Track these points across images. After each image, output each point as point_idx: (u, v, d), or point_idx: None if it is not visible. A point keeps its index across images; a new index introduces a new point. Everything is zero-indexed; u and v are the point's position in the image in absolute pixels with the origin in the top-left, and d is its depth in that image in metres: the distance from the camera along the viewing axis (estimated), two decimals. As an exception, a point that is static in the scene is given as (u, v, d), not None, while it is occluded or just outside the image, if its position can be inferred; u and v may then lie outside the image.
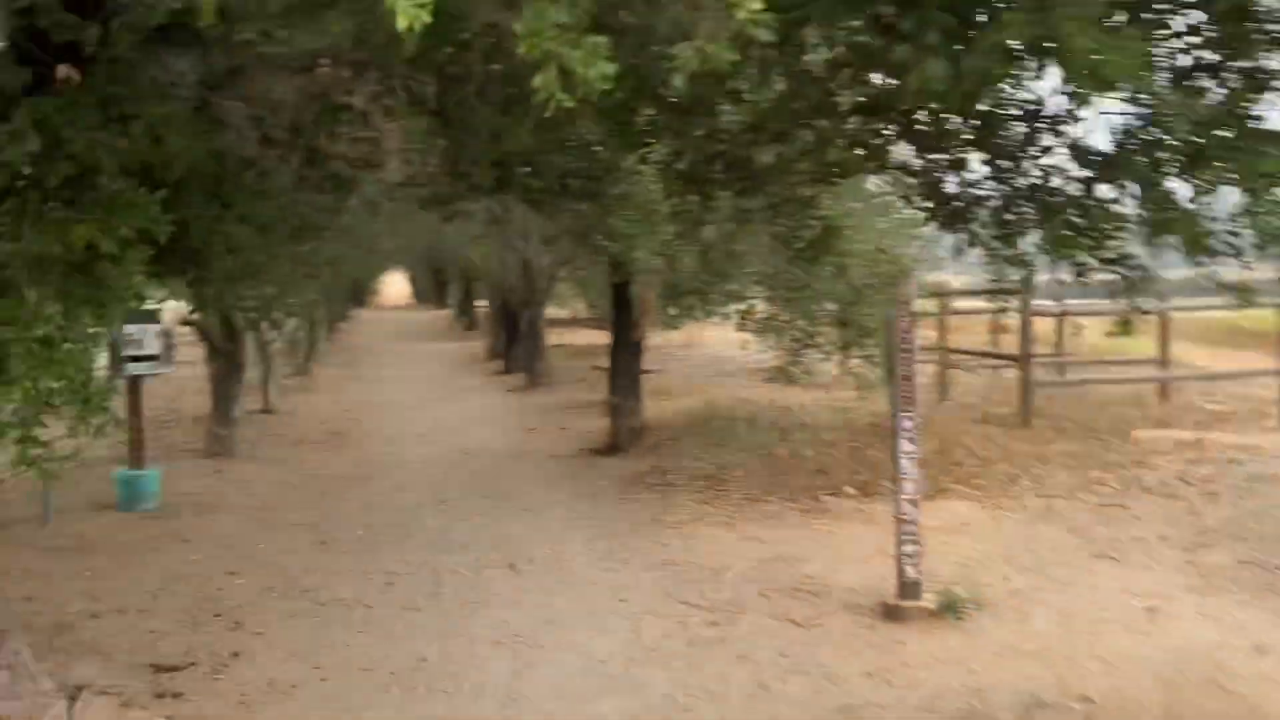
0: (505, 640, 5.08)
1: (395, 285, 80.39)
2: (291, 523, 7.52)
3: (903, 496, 5.36)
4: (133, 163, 2.76)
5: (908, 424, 5.35)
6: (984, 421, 10.19)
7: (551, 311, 22.30)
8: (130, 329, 7.67)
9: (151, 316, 7.83)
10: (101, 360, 14.31)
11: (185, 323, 9.81)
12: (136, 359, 7.68)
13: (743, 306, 11.19)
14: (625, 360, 9.93)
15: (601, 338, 26.25)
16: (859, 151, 3.63)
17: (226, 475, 9.07)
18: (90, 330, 3.04)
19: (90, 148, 2.48)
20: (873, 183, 7.61)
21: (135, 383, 7.83)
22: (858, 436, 9.38)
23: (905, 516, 5.35)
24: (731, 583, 5.98)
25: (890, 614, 5.36)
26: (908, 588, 5.37)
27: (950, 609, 5.35)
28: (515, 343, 19.03)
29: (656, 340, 24.60)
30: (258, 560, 6.45)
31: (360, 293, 53.87)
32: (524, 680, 4.60)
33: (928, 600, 5.38)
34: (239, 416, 10.00)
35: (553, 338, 19.27)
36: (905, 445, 5.35)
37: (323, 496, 8.52)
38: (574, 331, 28.91)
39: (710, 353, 20.87)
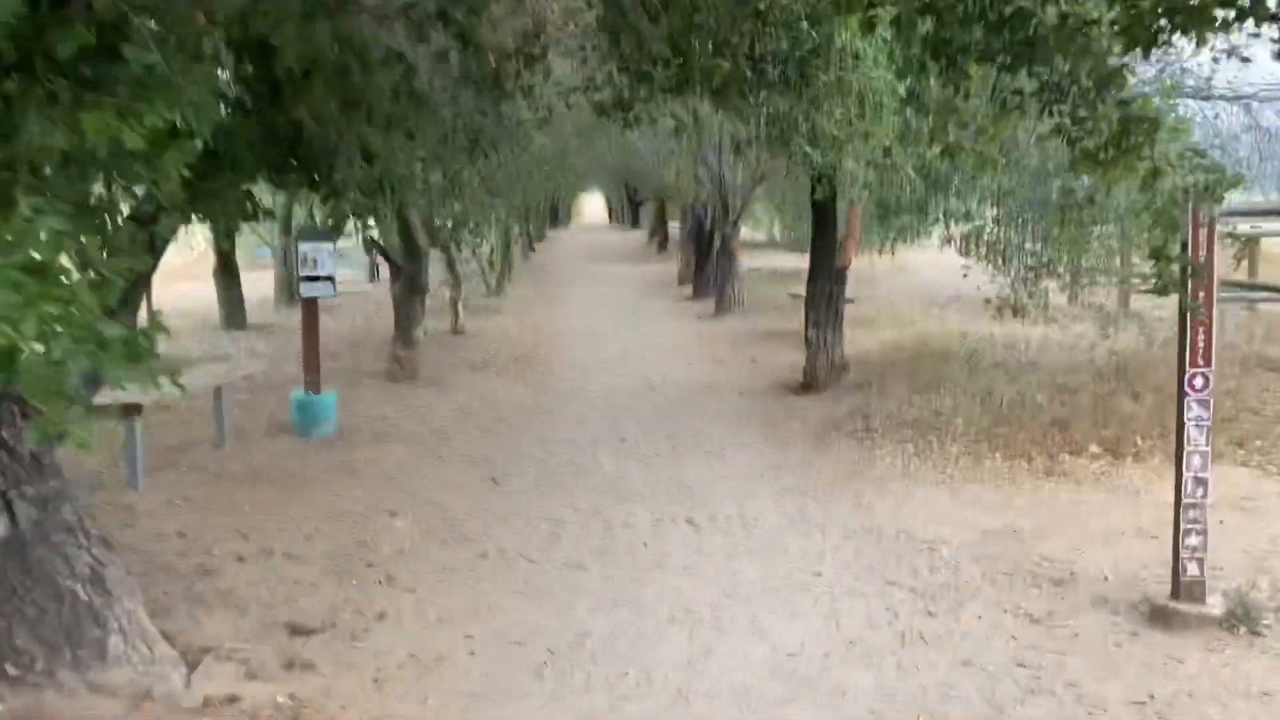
0: (679, 617, 4.36)
1: (593, 205, 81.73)
2: (463, 456, 7.10)
3: (1188, 473, 4.18)
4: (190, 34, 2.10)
5: (1200, 382, 4.13)
6: (1262, 368, 8.48)
7: (745, 233, 21.29)
8: (304, 247, 7.39)
9: (325, 234, 7.51)
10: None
11: (370, 244, 9.57)
12: (311, 279, 7.39)
13: (967, 227, 9.79)
14: (825, 288, 8.88)
15: (798, 262, 25.07)
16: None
17: (405, 400, 8.81)
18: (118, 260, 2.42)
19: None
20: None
21: (311, 304, 7.56)
22: (1103, 382, 7.97)
23: (1191, 499, 4.17)
24: (949, 560, 5.00)
25: (1160, 619, 4.24)
26: (1188, 588, 4.23)
27: (1242, 617, 4.17)
28: (706, 267, 18.19)
29: (859, 264, 23.20)
30: (421, 499, 6.03)
31: (557, 212, 54.84)
32: (698, 672, 3.86)
33: (1212, 605, 4.22)
34: (421, 339, 9.74)
35: (746, 261, 18.29)
36: (1196, 409, 4.14)
37: (498, 427, 8.09)
38: (768, 254, 27.84)
39: (920, 278, 19.28)
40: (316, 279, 7.42)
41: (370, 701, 3.46)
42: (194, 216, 3.72)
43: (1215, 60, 5.67)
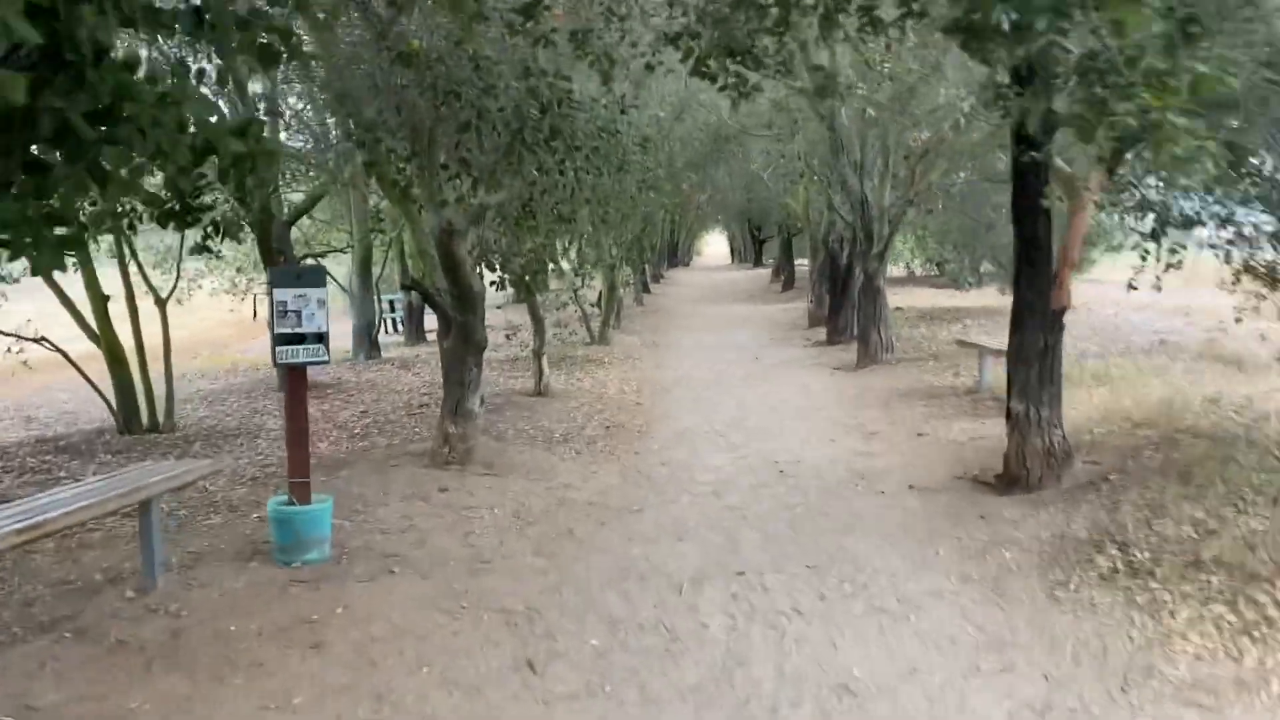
0: None
1: (715, 244, 79.56)
2: (497, 607, 4.67)
3: None
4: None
5: None
6: None
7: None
8: (280, 294, 5.17)
9: (313, 275, 5.29)
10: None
11: (406, 287, 7.37)
12: (290, 339, 5.16)
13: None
14: (1036, 340, 6.13)
15: (944, 298, 22.00)
16: None
17: (445, 498, 6.48)
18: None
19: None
20: None
21: (297, 377, 5.33)
22: None
23: None
24: None
25: None
26: None
27: None
28: (842, 307, 15.47)
29: (995, 301, 19.98)
30: (407, 709, 3.62)
31: (677, 250, 52.80)
32: None
33: None
34: (478, 410, 7.43)
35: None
36: None
37: (562, 547, 5.65)
38: (906, 290, 24.77)
39: (1099, 315, 16.02)
40: (300, 339, 5.18)
41: None
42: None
43: None
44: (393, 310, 19.57)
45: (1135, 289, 7.18)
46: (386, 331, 19.06)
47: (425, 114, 5.39)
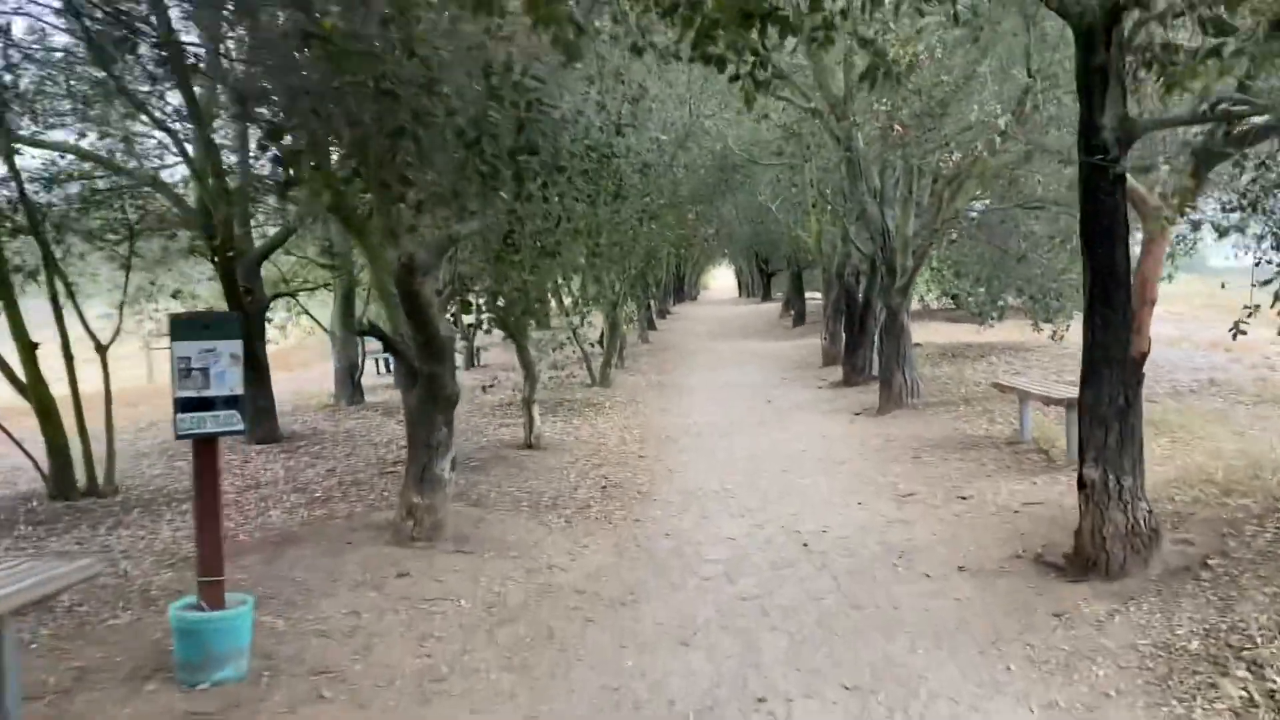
0: None
1: (721, 278, 78.66)
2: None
3: None
4: None
5: None
6: None
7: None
8: (181, 348, 4.15)
9: (227, 326, 4.28)
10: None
11: (362, 332, 6.37)
12: (194, 405, 4.13)
13: None
14: (1114, 395, 5.06)
15: (963, 334, 20.91)
16: None
17: (401, 586, 5.42)
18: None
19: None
20: None
21: (206, 451, 4.29)
22: None
23: None
24: None
25: None
26: None
27: None
28: (860, 345, 14.42)
29: (1019, 337, 18.84)
30: None
31: (683, 285, 51.88)
32: None
33: None
34: (449, 476, 6.38)
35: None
36: None
37: (537, 654, 4.58)
38: (923, 324, 23.67)
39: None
40: (208, 403, 4.16)
41: None
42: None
43: None
44: (385, 349, 18.57)
45: (1244, 334, 6.09)
46: (379, 372, 18.05)
47: (357, 118, 4.39)
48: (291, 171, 4.47)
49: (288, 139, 4.38)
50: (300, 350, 19.83)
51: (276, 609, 4.99)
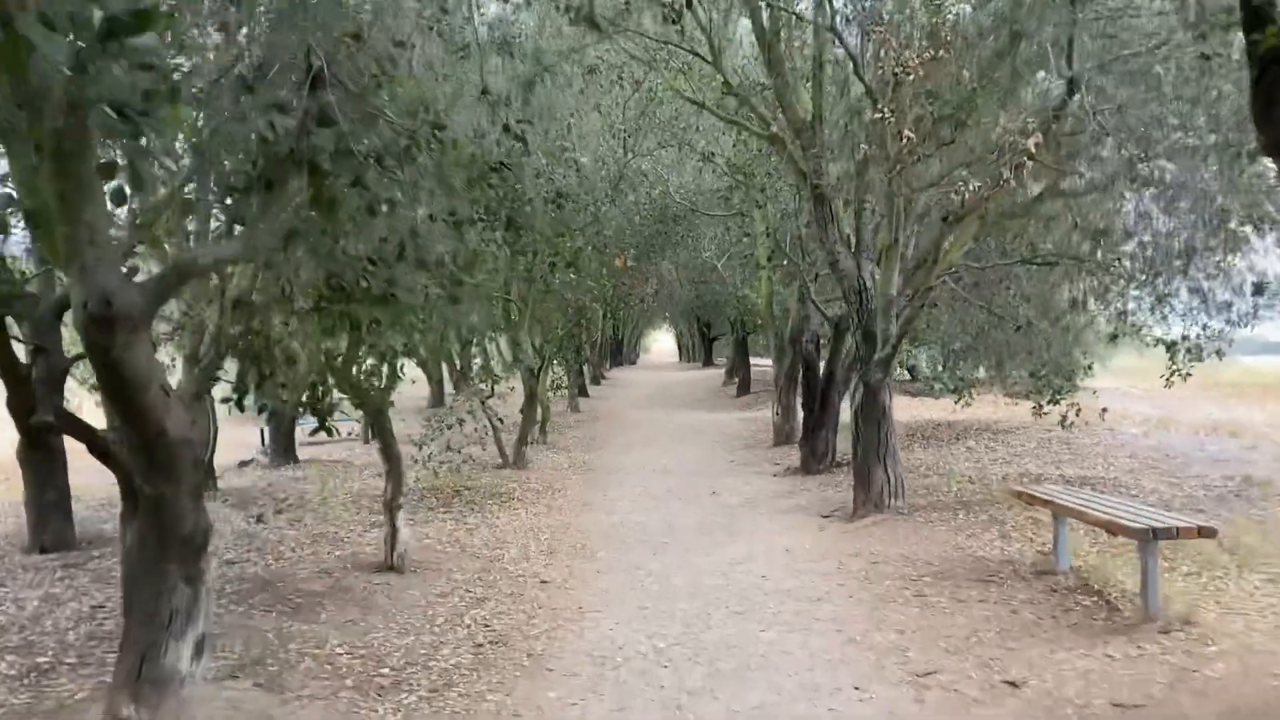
0: None
1: (663, 340, 76.73)
2: None
3: None
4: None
5: None
6: None
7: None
8: None
9: None
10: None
11: (42, 426, 3.84)
12: None
13: None
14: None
15: (925, 409, 18.83)
16: None
17: None
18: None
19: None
20: None
21: None
22: None
23: None
24: None
25: None
26: None
27: None
28: (823, 425, 12.12)
29: (992, 413, 16.77)
30: None
31: (621, 348, 49.64)
32: None
33: None
34: (191, 670, 3.79)
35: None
36: None
37: None
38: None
39: (1124, 435, 12.87)
40: None
41: None
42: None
43: None
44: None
45: None
46: (264, 447, 15.20)
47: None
48: None
49: None
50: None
51: None
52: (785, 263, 13.24)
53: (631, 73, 9.91)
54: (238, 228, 3.43)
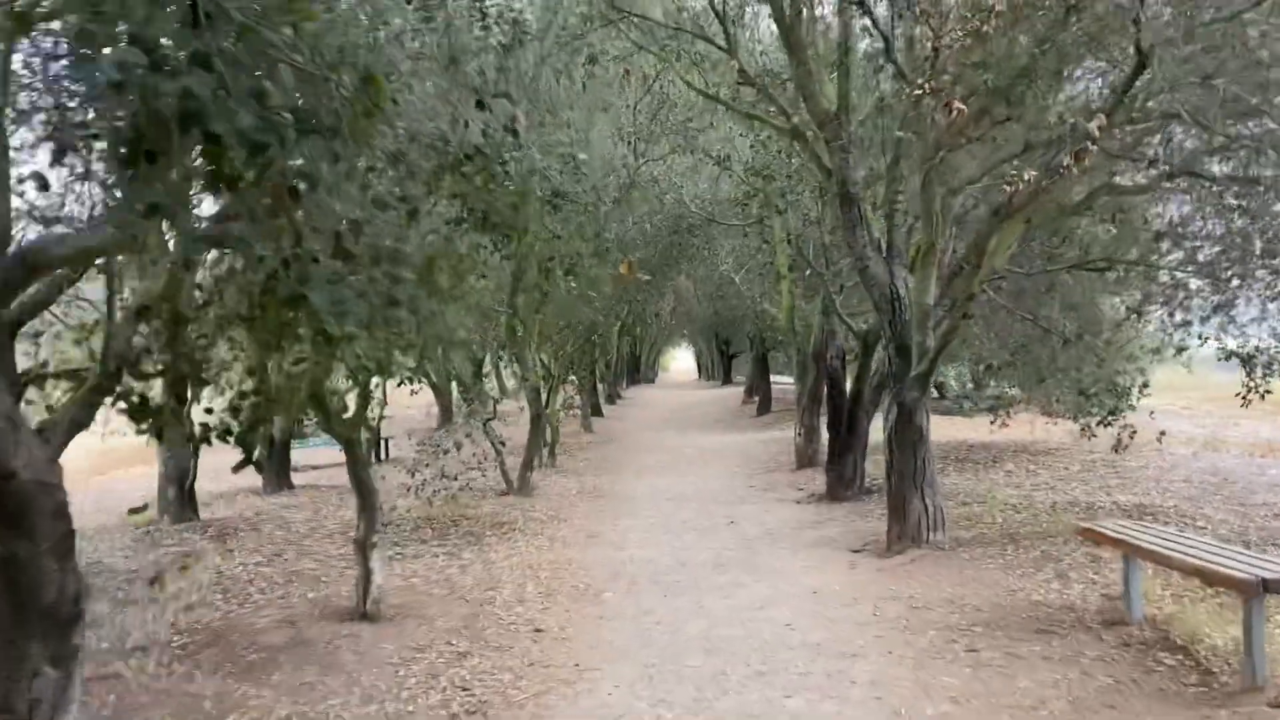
0: None
1: (681, 359, 75.82)
2: None
3: None
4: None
5: None
6: None
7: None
8: None
9: None
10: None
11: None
12: None
13: None
14: None
15: (955, 428, 17.85)
16: None
17: None
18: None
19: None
20: None
21: None
22: None
23: None
24: None
25: None
26: None
27: None
28: (851, 449, 11.22)
29: (1027, 433, 15.72)
30: None
31: (639, 365, 48.80)
32: None
33: None
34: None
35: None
36: None
37: None
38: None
39: (1177, 457, 11.86)
40: None
41: None
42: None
43: None
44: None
45: None
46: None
47: None
48: None
49: None
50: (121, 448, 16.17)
51: None
52: (808, 272, 12.36)
53: (639, 65, 9.15)
54: (99, 210, 2.66)
